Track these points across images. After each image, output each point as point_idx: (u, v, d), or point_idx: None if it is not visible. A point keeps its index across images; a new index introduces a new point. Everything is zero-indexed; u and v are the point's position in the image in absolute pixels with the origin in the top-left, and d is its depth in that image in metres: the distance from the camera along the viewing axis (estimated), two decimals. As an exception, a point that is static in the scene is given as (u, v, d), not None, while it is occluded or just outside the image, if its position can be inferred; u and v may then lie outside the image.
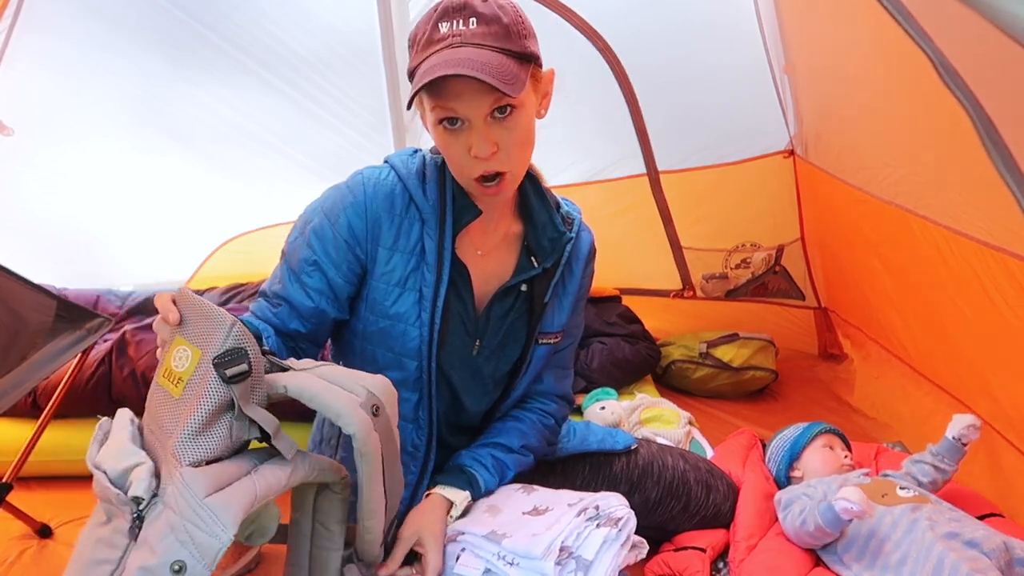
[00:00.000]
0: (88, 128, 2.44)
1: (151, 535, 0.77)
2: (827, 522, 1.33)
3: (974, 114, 1.23)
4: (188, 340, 0.87)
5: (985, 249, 1.47)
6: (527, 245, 1.24)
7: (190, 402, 0.83)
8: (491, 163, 1.06)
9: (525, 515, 1.19)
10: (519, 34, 1.03)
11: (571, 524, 1.13)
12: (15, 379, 1.48)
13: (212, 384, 0.83)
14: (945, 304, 1.72)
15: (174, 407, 0.85)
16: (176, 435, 0.82)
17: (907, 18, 1.30)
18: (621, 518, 1.15)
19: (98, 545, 0.81)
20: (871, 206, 1.92)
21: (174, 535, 0.76)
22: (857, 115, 1.94)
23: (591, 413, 2.07)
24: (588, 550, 1.11)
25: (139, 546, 0.78)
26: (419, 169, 1.18)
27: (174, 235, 2.68)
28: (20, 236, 2.49)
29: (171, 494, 0.78)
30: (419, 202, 1.16)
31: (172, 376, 0.87)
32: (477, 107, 1.02)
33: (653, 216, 2.68)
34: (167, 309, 0.88)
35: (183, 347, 0.87)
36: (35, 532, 1.63)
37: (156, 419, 0.88)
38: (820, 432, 1.68)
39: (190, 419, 0.82)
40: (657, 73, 2.45)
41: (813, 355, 2.81)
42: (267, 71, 2.39)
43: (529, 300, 1.25)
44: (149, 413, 0.90)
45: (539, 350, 1.29)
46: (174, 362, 0.87)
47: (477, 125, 1.03)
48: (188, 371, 0.85)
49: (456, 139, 1.05)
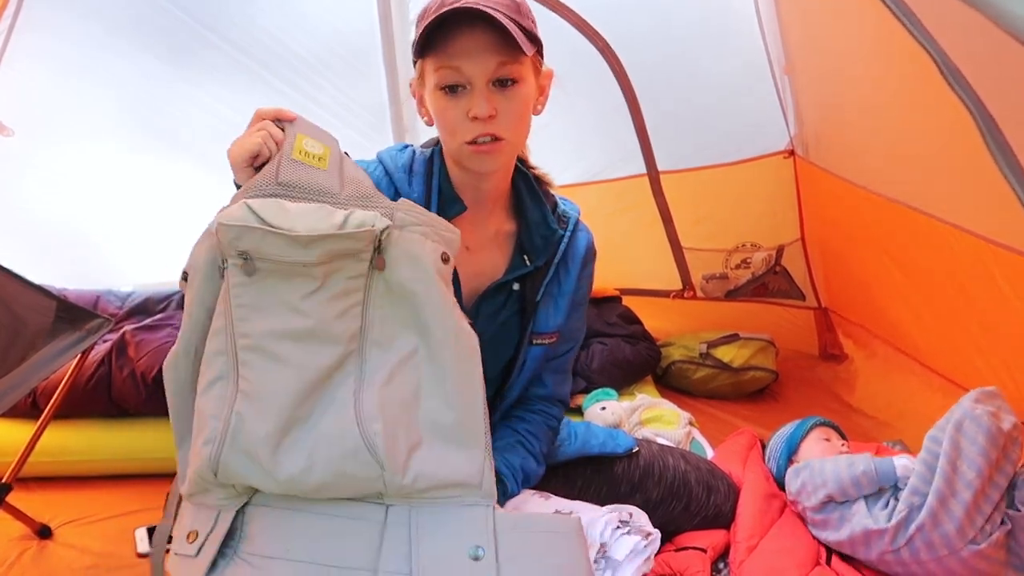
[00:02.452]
0: (88, 128, 2.44)
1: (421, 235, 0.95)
2: (882, 472, 1.37)
3: (977, 114, 1.23)
4: (309, 135, 0.98)
5: (992, 246, 1.47)
6: (520, 243, 1.24)
7: (342, 174, 0.98)
8: (488, 126, 1.05)
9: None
10: (527, 15, 1.06)
11: (606, 518, 1.16)
12: (15, 380, 1.48)
13: (354, 167, 1.01)
14: (957, 298, 1.72)
15: (326, 175, 0.97)
16: (353, 190, 0.97)
17: (910, 17, 1.30)
18: (651, 534, 1.19)
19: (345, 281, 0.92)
20: (876, 204, 1.92)
21: (429, 238, 0.96)
22: (859, 115, 1.94)
23: (591, 414, 2.07)
24: (619, 551, 1.13)
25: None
26: (407, 163, 1.18)
27: (174, 236, 2.65)
28: (20, 236, 2.49)
29: (400, 218, 0.95)
30: (404, 194, 1.15)
31: (310, 156, 0.97)
32: (483, 66, 1.02)
33: (653, 216, 2.68)
34: (281, 111, 1.00)
35: (308, 140, 0.98)
36: (35, 533, 1.63)
37: (305, 183, 0.95)
38: (816, 425, 1.70)
39: (360, 180, 0.99)
40: (657, 73, 2.44)
41: (813, 355, 2.80)
42: (267, 71, 2.39)
43: (522, 299, 1.25)
44: (288, 179, 0.94)
45: (533, 351, 1.27)
46: (307, 147, 0.97)
47: (479, 87, 1.04)
48: (325, 154, 0.98)
49: (455, 103, 1.06)
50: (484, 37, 1.00)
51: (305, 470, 0.86)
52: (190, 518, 0.91)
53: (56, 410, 1.67)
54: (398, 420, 0.89)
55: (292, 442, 0.87)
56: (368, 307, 0.92)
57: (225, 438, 0.85)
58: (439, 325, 0.93)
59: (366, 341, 0.92)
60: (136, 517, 1.70)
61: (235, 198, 0.93)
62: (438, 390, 0.93)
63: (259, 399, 0.87)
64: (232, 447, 0.86)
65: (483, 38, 1.00)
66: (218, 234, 0.88)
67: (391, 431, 0.88)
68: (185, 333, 0.93)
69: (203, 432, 0.87)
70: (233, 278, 0.88)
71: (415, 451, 0.90)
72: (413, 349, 0.94)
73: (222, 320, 0.89)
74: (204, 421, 0.88)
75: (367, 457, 0.87)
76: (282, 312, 0.88)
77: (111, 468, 1.88)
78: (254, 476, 0.87)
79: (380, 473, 0.88)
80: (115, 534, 1.64)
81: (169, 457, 1.84)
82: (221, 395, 0.87)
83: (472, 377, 0.95)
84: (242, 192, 0.93)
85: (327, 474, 0.87)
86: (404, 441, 0.89)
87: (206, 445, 0.86)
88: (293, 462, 0.86)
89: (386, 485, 0.89)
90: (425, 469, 0.89)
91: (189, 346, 0.93)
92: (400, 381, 0.92)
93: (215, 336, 0.89)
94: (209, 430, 0.86)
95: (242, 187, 0.94)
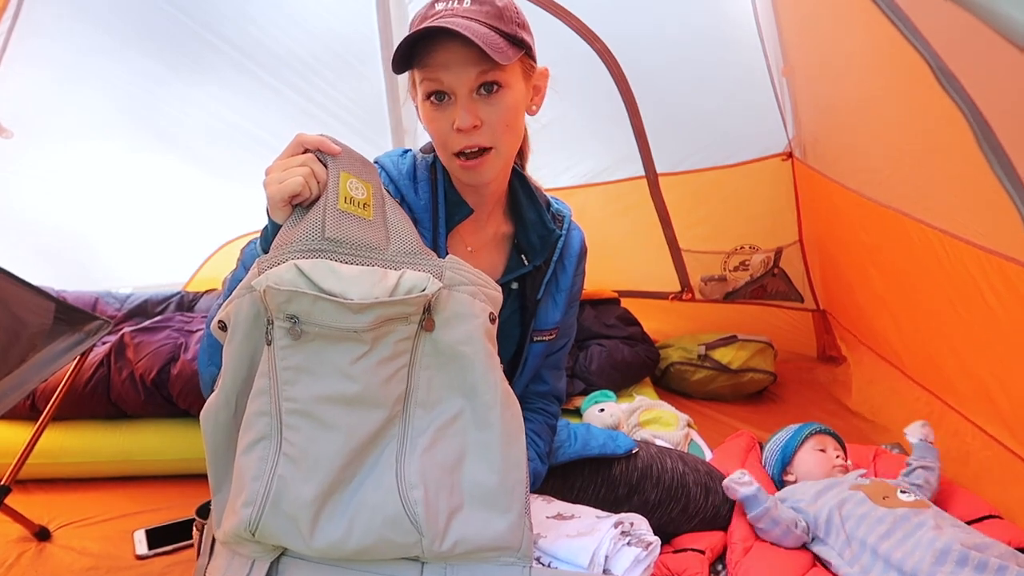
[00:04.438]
0: (86, 130, 2.44)
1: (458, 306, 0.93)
2: (747, 509, 1.43)
3: (971, 117, 1.24)
4: (353, 174, 0.95)
5: (981, 253, 1.47)
6: (517, 244, 1.25)
7: (386, 222, 0.96)
8: (473, 137, 1.05)
9: (550, 519, 1.22)
10: (511, 20, 1.06)
11: (609, 533, 1.16)
12: (14, 381, 1.47)
13: (394, 208, 0.99)
14: (941, 308, 1.72)
15: (372, 227, 0.94)
16: (400, 245, 0.95)
17: (904, 22, 1.31)
18: (651, 543, 1.19)
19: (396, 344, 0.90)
20: (867, 209, 1.93)
21: (477, 298, 0.94)
22: (855, 118, 1.95)
23: (590, 415, 2.07)
24: (619, 565, 1.13)
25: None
26: (410, 169, 1.18)
27: (173, 237, 2.68)
28: (18, 238, 2.49)
29: (449, 277, 0.93)
30: (411, 202, 1.16)
31: (355, 202, 0.93)
32: (464, 78, 1.02)
33: (652, 218, 2.68)
34: (326, 143, 0.94)
35: (352, 180, 0.94)
36: (33, 535, 1.62)
37: (352, 238, 0.92)
38: (811, 434, 1.68)
39: (405, 231, 0.96)
40: (655, 75, 2.45)
41: (811, 357, 2.81)
42: (266, 72, 2.39)
43: (521, 298, 1.26)
44: (335, 234, 0.90)
45: (535, 348, 1.29)
46: (352, 191, 0.94)
47: (462, 97, 1.04)
48: (368, 198, 0.95)
49: (442, 114, 1.06)
50: (462, 50, 1.00)
51: (344, 537, 0.86)
52: (224, 563, 0.90)
53: (55, 412, 1.67)
54: (440, 485, 0.89)
55: (333, 507, 0.86)
56: (414, 368, 0.91)
57: (267, 502, 0.84)
58: (487, 388, 0.92)
59: (411, 403, 0.91)
60: (135, 519, 1.70)
61: (276, 247, 0.89)
62: (484, 454, 0.91)
63: (304, 463, 0.85)
64: (274, 511, 0.84)
65: (461, 51, 1.00)
66: (266, 296, 0.85)
67: (432, 498, 0.87)
68: (225, 385, 0.90)
69: (243, 493, 0.85)
70: (280, 340, 0.86)
71: (456, 514, 0.89)
72: (458, 411, 0.92)
73: (266, 380, 0.87)
74: (244, 483, 0.86)
75: (407, 525, 0.86)
76: (331, 376, 0.86)
77: (110, 470, 1.88)
78: (293, 540, 0.86)
79: (419, 539, 0.87)
80: (114, 536, 1.65)
81: (167, 458, 1.88)
82: (263, 457, 0.85)
83: (517, 440, 0.94)
84: (285, 244, 0.89)
85: (366, 540, 0.86)
86: (445, 506, 0.88)
87: (246, 507, 0.85)
88: (333, 529, 0.86)
89: (424, 550, 0.88)
90: (465, 534, 0.89)
91: (230, 397, 0.91)
92: (444, 446, 0.91)
93: (258, 396, 0.87)
94: (249, 492, 0.85)
95: (284, 237, 0.90)
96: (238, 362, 0.89)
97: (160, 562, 1.56)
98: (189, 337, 2.05)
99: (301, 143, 0.94)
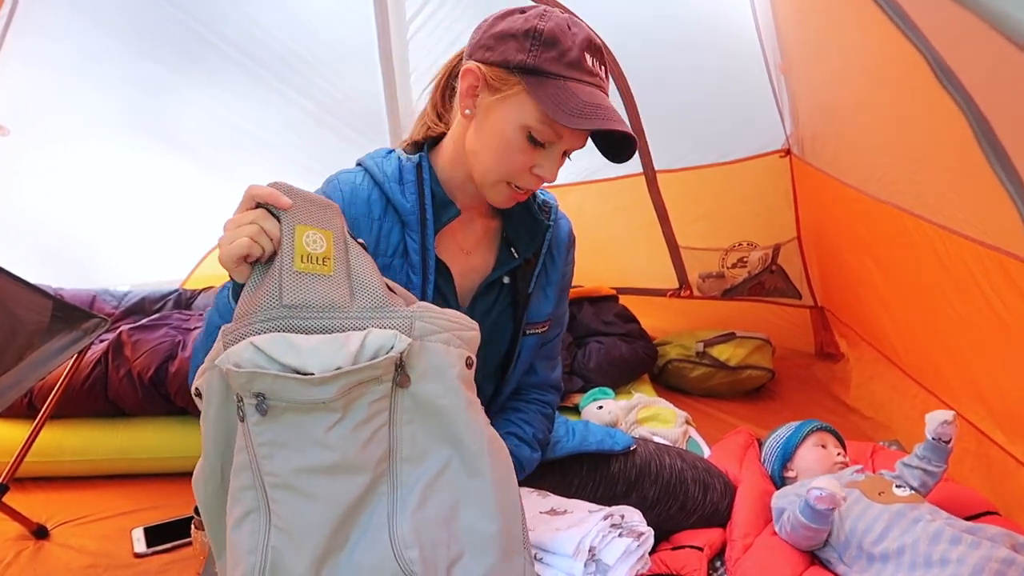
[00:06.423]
0: (84, 129, 2.44)
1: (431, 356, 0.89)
2: (809, 518, 1.33)
3: (970, 114, 1.24)
4: (310, 225, 0.90)
5: (981, 248, 1.47)
6: (506, 237, 1.26)
7: (349, 275, 0.90)
8: (537, 184, 1.14)
9: (543, 514, 1.22)
10: None
11: (598, 526, 1.16)
12: (11, 380, 1.47)
13: (358, 255, 0.92)
14: (939, 304, 1.72)
15: (333, 284, 0.89)
16: (365, 300, 0.90)
17: (903, 18, 1.31)
18: (643, 533, 1.19)
19: (369, 407, 0.86)
20: (866, 205, 1.93)
21: (452, 344, 0.90)
22: (853, 115, 1.95)
23: (588, 412, 2.07)
24: (610, 555, 1.14)
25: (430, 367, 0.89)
26: (395, 171, 1.18)
27: (170, 236, 2.67)
28: (16, 236, 2.48)
29: (419, 328, 0.89)
30: (398, 205, 1.15)
31: (313, 259, 0.88)
32: (576, 147, 1.13)
33: (650, 215, 2.68)
34: (275, 196, 0.89)
35: (309, 232, 0.89)
36: (31, 533, 1.62)
37: (312, 301, 0.88)
38: (812, 430, 1.68)
39: (370, 282, 0.91)
40: (653, 72, 2.45)
41: (810, 354, 2.81)
42: (264, 71, 2.39)
43: (513, 292, 1.27)
44: (294, 300, 0.87)
45: (528, 341, 1.30)
46: (309, 246, 0.89)
47: (556, 155, 1.11)
48: (328, 250, 0.90)
49: (531, 153, 1.10)
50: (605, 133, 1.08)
51: None
52: None
53: (52, 410, 1.67)
54: (437, 540, 0.87)
55: (330, 574, 0.85)
56: (395, 426, 0.89)
57: (264, 574, 0.84)
58: (472, 437, 0.89)
59: (396, 460, 0.89)
60: (133, 517, 1.70)
61: (238, 316, 0.87)
62: (478, 502, 0.89)
63: (295, 534, 0.84)
64: None
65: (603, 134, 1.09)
66: (228, 378, 0.83)
67: (429, 555, 0.86)
68: (208, 454, 0.89)
69: (239, 567, 0.84)
70: (251, 416, 0.84)
71: (456, 564, 0.88)
72: (447, 461, 0.90)
73: (244, 455, 0.85)
74: (240, 557, 0.85)
75: None
76: (307, 447, 0.84)
77: (108, 468, 1.88)
78: None
79: None
80: (112, 534, 1.64)
81: (165, 456, 1.89)
82: (254, 531, 0.85)
83: (510, 483, 0.92)
84: (245, 315, 0.87)
85: None
86: (444, 559, 0.87)
87: None
88: None
89: None
90: None
91: (215, 466, 0.90)
92: (436, 500, 0.89)
93: (240, 472, 0.86)
94: (246, 566, 0.84)
95: (244, 306, 0.88)
96: (216, 434, 0.88)
97: (158, 560, 1.56)
98: (187, 335, 2.04)
99: (252, 197, 0.90)
